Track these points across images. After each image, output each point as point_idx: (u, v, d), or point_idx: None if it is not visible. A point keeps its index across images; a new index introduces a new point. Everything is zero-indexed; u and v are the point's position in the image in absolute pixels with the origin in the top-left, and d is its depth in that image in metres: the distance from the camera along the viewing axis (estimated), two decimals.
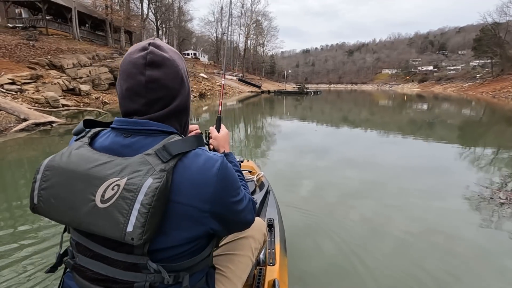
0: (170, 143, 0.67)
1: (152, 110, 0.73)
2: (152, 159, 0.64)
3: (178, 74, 0.75)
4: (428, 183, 4.04)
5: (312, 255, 2.28)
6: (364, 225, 2.82)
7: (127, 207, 0.60)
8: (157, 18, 37.37)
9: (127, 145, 0.70)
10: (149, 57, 0.70)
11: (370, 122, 11.57)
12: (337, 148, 6.47)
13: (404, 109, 18.52)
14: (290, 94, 37.40)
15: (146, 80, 0.70)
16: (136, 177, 0.61)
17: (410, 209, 3.21)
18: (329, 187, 3.87)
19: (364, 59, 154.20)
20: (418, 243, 2.50)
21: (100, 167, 0.64)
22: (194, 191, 0.67)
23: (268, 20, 69.52)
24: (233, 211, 0.77)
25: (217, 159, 0.72)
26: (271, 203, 2.03)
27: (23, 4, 22.66)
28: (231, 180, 0.75)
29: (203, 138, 0.80)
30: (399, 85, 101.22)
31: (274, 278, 1.28)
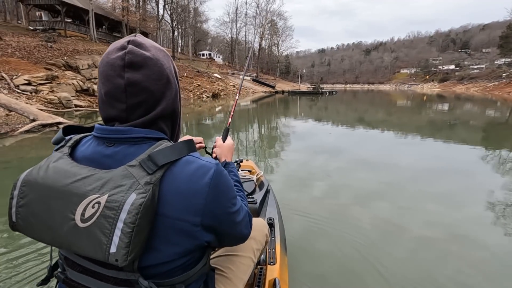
0: (157, 151, 0.62)
1: (134, 116, 0.66)
2: (136, 171, 0.59)
3: (163, 75, 0.68)
4: (448, 187, 3.83)
5: (320, 255, 2.26)
6: (374, 226, 2.72)
7: (109, 226, 0.56)
8: (172, 19, 37.74)
9: (110, 155, 0.64)
10: (128, 58, 0.62)
11: (387, 123, 11.25)
12: (351, 149, 6.27)
13: (424, 110, 17.92)
14: (305, 94, 36.93)
15: (125, 84, 0.63)
16: (118, 193, 0.57)
17: (426, 213, 3.03)
18: (342, 188, 3.77)
19: (382, 58, 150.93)
20: (433, 250, 2.35)
21: (79, 182, 0.59)
22: (183, 203, 0.62)
23: (283, 20, 69.17)
24: (228, 223, 0.71)
25: (211, 166, 0.66)
26: (271, 202, 2.02)
27: (44, 7, 23.44)
28: (225, 189, 0.69)
29: (204, 146, 0.70)
30: (418, 85, 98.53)
31: (274, 277, 1.28)
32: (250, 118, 12.30)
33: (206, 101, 20.06)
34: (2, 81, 10.02)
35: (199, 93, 23.13)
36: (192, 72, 29.25)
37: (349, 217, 2.92)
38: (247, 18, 63.00)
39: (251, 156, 5.45)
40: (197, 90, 23.65)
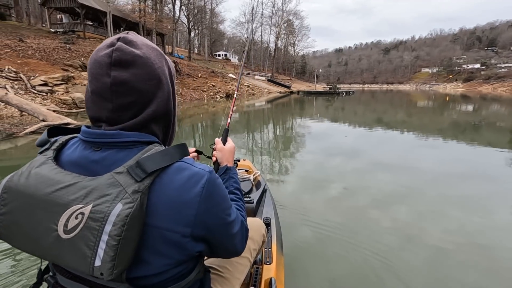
0: (146, 157, 0.59)
1: (124, 117, 0.63)
2: (124, 179, 0.56)
3: (154, 75, 0.64)
4: (471, 192, 3.67)
5: (317, 256, 2.27)
6: (381, 229, 2.68)
7: (93, 238, 0.53)
8: (189, 20, 38.11)
9: (97, 161, 0.60)
10: (115, 55, 0.59)
11: (407, 124, 10.86)
12: (368, 150, 6.07)
13: (446, 111, 17.23)
14: (321, 94, 36.30)
15: (111, 83, 0.60)
16: (103, 204, 0.54)
17: (447, 219, 2.92)
18: (354, 190, 3.69)
19: (402, 57, 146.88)
20: (453, 258, 2.25)
21: (62, 191, 0.56)
22: (173, 214, 0.59)
23: (299, 19, 68.55)
24: (222, 234, 0.68)
25: (203, 174, 0.62)
26: (268, 202, 2.02)
27: (64, 10, 24.18)
28: (219, 199, 0.66)
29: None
30: (440, 85, 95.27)
31: (270, 277, 1.28)
32: (264, 118, 12.22)
33: (219, 102, 20.03)
34: (20, 81, 10.30)
35: (213, 94, 23.13)
36: (207, 73, 29.37)
37: (356, 220, 2.87)
38: (263, 18, 62.85)
39: (265, 157, 5.50)
40: (211, 90, 23.66)
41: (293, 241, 2.40)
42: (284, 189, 3.74)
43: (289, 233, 2.47)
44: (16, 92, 9.32)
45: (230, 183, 0.95)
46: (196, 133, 8.36)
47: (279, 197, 3.27)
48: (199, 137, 7.77)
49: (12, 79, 10.18)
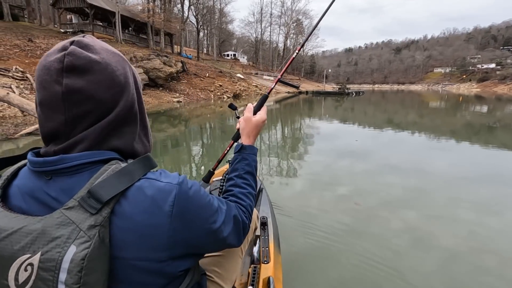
0: (99, 184, 0.51)
1: (77, 131, 0.55)
2: (76, 214, 0.48)
3: (114, 82, 0.56)
4: (485, 195, 3.55)
5: (315, 255, 2.26)
6: (395, 233, 2.61)
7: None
8: (197, 20, 38.19)
9: (46, 192, 0.53)
10: (68, 60, 0.52)
11: (418, 125, 10.55)
12: (377, 152, 5.94)
13: (459, 111, 16.71)
14: (330, 94, 35.79)
15: (63, 91, 0.52)
16: (52, 249, 0.46)
17: (459, 223, 2.84)
18: (363, 192, 3.61)
19: (413, 57, 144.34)
20: (464, 264, 2.19)
21: (5, 241, 0.48)
22: (142, 241, 0.52)
23: (308, 19, 68.02)
24: (209, 243, 0.65)
25: (170, 189, 0.55)
26: (264, 201, 2.02)
27: (73, 10, 24.55)
28: (196, 211, 0.59)
29: None
30: (453, 85, 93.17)
31: (268, 276, 1.28)
32: (272, 118, 12.09)
33: (227, 102, 19.91)
34: (26, 81, 10.36)
35: (220, 94, 23.02)
36: (214, 73, 29.30)
37: (360, 221, 2.81)
38: (272, 18, 62.59)
39: (270, 157, 5.44)
40: (218, 90, 23.56)
41: (291, 240, 2.39)
42: (285, 188, 3.71)
43: (288, 232, 2.49)
44: (21, 92, 9.36)
45: (241, 165, 0.87)
46: (204, 133, 8.22)
47: (279, 196, 3.31)
48: (207, 137, 7.62)
49: (19, 78, 10.23)
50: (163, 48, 28.74)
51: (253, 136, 0.97)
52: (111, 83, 0.55)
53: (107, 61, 0.56)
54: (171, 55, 24.68)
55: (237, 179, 0.84)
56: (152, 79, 16.97)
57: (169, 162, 5.06)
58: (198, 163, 5.16)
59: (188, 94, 19.43)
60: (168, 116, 11.60)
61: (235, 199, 0.79)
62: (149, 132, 0.70)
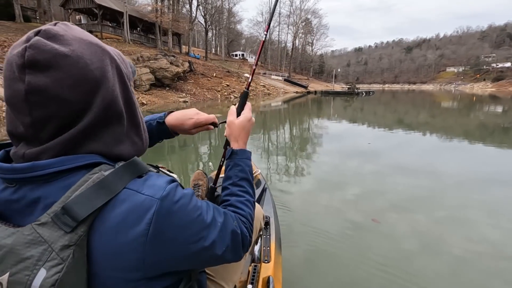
0: (74, 199, 0.45)
1: (44, 134, 0.48)
2: (49, 232, 0.43)
3: (86, 78, 0.48)
4: (498, 197, 3.44)
5: (316, 256, 2.25)
6: (401, 236, 2.55)
7: None
8: (206, 20, 38.23)
9: (15, 200, 0.48)
10: (29, 54, 0.44)
11: (430, 126, 10.27)
12: (387, 153, 5.82)
13: (473, 112, 16.22)
14: (339, 94, 35.36)
15: (26, 90, 0.45)
16: (21, 271, 0.42)
17: (471, 226, 2.76)
18: (370, 194, 3.55)
19: (425, 56, 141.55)
20: (476, 269, 2.13)
21: None
22: (114, 260, 0.47)
23: (317, 18, 67.44)
24: (201, 260, 0.58)
25: (150, 205, 0.48)
26: (267, 201, 2.03)
27: (82, 11, 24.84)
28: (180, 229, 0.52)
29: (215, 124, 0.57)
30: (467, 85, 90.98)
31: (268, 275, 1.28)
32: (279, 118, 11.99)
33: (234, 102, 19.79)
34: None
35: (227, 93, 22.93)
36: (222, 72, 29.26)
37: (364, 223, 2.76)
38: (280, 17, 62.27)
39: (280, 157, 5.40)
40: (225, 90, 23.49)
41: (293, 240, 2.37)
42: (289, 188, 3.67)
43: (290, 232, 2.48)
44: None
45: (234, 172, 0.80)
46: (211, 133, 8.09)
47: (283, 196, 3.31)
48: (214, 137, 7.49)
49: None
50: (171, 48, 28.81)
51: (242, 139, 0.89)
52: (82, 79, 0.48)
53: (78, 54, 0.48)
54: (178, 55, 24.73)
55: (232, 188, 0.77)
56: (159, 79, 16.99)
57: (176, 162, 5.03)
58: (205, 162, 5.11)
59: (194, 94, 19.40)
60: None
61: (233, 209, 0.71)
62: (142, 130, 0.62)
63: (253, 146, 6.28)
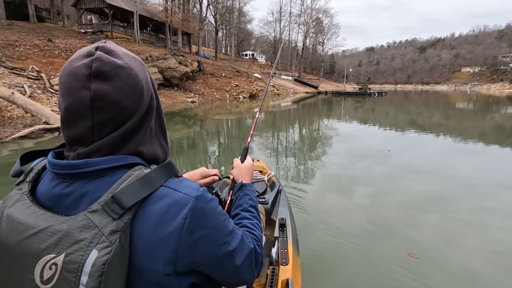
0: (122, 189, 0.51)
1: (99, 135, 0.56)
2: (99, 218, 0.50)
3: (137, 88, 0.57)
4: None
5: (335, 258, 2.25)
6: (418, 240, 2.53)
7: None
8: (216, 19, 38.16)
9: (66, 194, 0.55)
10: (96, 66, 0.53)
11: (444, 127, 10.04)
12: (400, 154, 5.76)
13: (489, 113, 15.72)
14: (350, 95, 34.72)
15: (91, 97, 0.52)
16: (76, 252, 0.48)
17: (484, 229, 2.77)
18: (384, 196, 3.55)
19: (439, 56, 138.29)
20: (489, 272, 2.12)
21: (32, 239, 0.51)
22: (150, 252, 0.52)
23: (329, 17, 66.62)
24: (219, 268, 0.61)
25: (187, 201, 0.55)
26: (283, 202, 2.02)
27: (93, 11, 25.09)
28: (210, 228, 0.57)
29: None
30: (483, 85, 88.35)
31: (287, 278, 1.27)
32: (289, 118, 11.80)
33: (243, 102, 19.60)
34: (40, 80, 10.43)
35: (236, 94, 22.72)
36: (231, 72, 29.09)
37: (381, 226, 2.76)
38: (291, 17, 61.78)
39: (287, 157, 5.47)
40: (234, 90, 23.28)
41: (310, 242, 2.38)
42: (304, 190, 3.66)
43: (307, 234, 2.48)
44: (33, 92, 9.40)
45: (244, 200, 0.90)
46: (219, 134, 7.90)
47: (298, 198, 3.31)
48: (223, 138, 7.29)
49: (33, 78, 10.32)
50: (181, 48, 28.81)
51: (248, 178, 1.05)
52: (134, 88, 0.56)
53: (130, 66, 0.56)
54: (188, 55, 24.69)
55: (243, 213, 0.84)
56: (167, 78, 16.88)
57: (184, 163, 5.04)
58: (214, 164, 5.11)
59: (203, 94, 19.26)
60: (182, 116, 11.41)
61: (247, 229, 0.75)
62: (167, 136, 0.71)
63: (264, 147, 6.26)
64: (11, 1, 21.39)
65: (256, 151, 5.87)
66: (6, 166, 4.28)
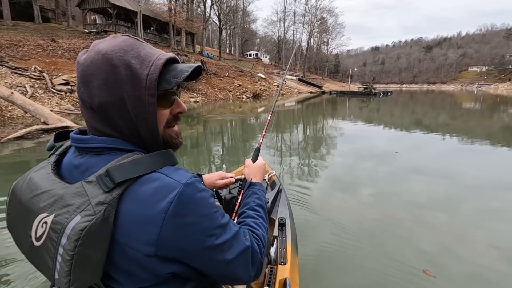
0: (116, 166, 0.55)
1: (94, 120, 0.63)
2: (92, 189, 0.54)
3: (108, 74, 0.58)
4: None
5: (334, 259, 2.24)
6: (421, 241, 2.49)
7: (53, 250, 0.52)
8: (220, 19, 38.09)
9: (77, 166, 0.61)
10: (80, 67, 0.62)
11: (450, 127, 9.86)
12: (406, 155, 5.67)
13: (496, 113, 15.42)
14: (355, 95, 34.38)
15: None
16: (63, 214, 0.52)
17: (491, 231, 2.70)
18: (386, 196, 3.52)
19: (446, 55, 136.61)
20: (497, 274, 2.07)
21: (36, 198, 0.57)
22: (134, 230, 0.54)
23: (333, 17, 66.24)
24: (206, 259, 0.60)
25: (175, 186, 0.55)
26: (283, 202, 2.03)
27: (97, 11, 25.15)
28: (195, 216, 0.57)
29: (233, 181, 0.70)
30: (490, 85, 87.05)
31: (285, 277, 1.28)
32: (293, 118, 11.75)
33: (246, 102, 19.48)
34: (42, 80, 10.42)
35: (239, 94, 22.61)
36: (235, 72, 29.00)
37: (382, 227, 2.74)
38: (295, 16, 61.54)
39: (294, 158, 5.45)
40: (237, 90, 23.18)
41: (309, 242, 2.37)
42: (307, 189, 3.65)
43: (307, 234, 2.49)
44: (34, 92, 9.39)
45: (252, 199, 0.90)
46: (222, 134, 7.81)
47: (301, 197, 3.31)
48: (227, 138, 7.19)
49: (35, 78, 10.31)
50: (184, 48, 28.79)
51: (259, 177, 1.06)
52: (115, 79, 0.57)
53: (110, 57, 0.57)
54: (191, 55, 24.67)
55: (248, 211, 0.85)
56: None
57: (188, 163, 5.02)
58: (217, 164, 5.06)
59: (206, 94, 19.19)
60: (185, 116, 11.33)
61: (248, 228, 0.76)
62: (156, 128, 0.72)
63: (267, 147, 6.18)
64: (17, 2, 21.55)
65: None
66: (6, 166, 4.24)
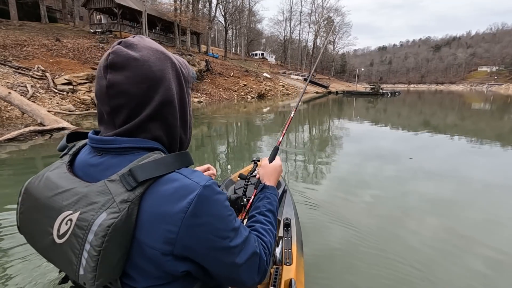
0: (139, 166, 0.58)
1: (117, 120, 0.64)
2: (115, 187, 0.56)
3: (147, 77, 0.62)
4: None
5: (339, 259, 2.23)
6: (427, 243, 2.48)
7: (78, 246, 0.54)
8: (225, 19, 37.98)
9: (95, 165, 0.63)
10: (110, 58, 0.61)
11: (459, 128, 9.68)
12: (414, 156, 5.50)
13: (507, 114, 15.00)
14: (362, 95, 33.94)
15: (106, 85, 0.61)
16: (89, 212, 0.54)
17: (499, 233, 2.69)
18: (393, 197, 3.50)
19: (455, 55, 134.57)
20: (504, 277, 2.04)
21: (58, 196, 0.59)
22: (154, 228, 0.56)
23: (340, 16, 65.65)
24: (215, 260, 0.62)
25: (194, 188, 0.58)
26: (288, 202, 2.02)
27: (103, 11, 25.22)
28: (211, 218, 0.60)
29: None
30: (501, 85, 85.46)
31: (290, 278, 1.28)
32: (299, 119, 11.50)
33: (251, 102, 19.30)
34: (44, 80, 10.36)
35: (244, 94, 22.42)
36: (240, 72, 28.82)
37: (389, 228, 2.73)
38: (301, 16, 61.15)
39: (300, 157, 5.41)
40: (242, 90, 22.99)
41: (314, 242, 2.37)
42: (313, 189, 3.64)
43: (313, 234, 2.48)
44: (35, 91, 9.31)
45: (263, 203, 0.89)
46: (228, 135, 7.64)
47: (307, 198, 3.29)
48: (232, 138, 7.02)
49: (37, 77, 10.25)
50: (189, 47, 28.72)
51: (274, 180, 1.02)
52: (143, 77, 0.60)
53: (145, 58, 0.61)
54: (196, 54, 24.56)
55: (258, 216, 0.84)
56: None
57: None
58: (222, 165, 5.01)
59: (210, 94, 19.05)
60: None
61: (256, 233, 0.76)
62: (188, 128, 0.74)
63: (272, 146, 5.91)
64: (24, 2, 21.69)
65: (265, 151, 5.86)
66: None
